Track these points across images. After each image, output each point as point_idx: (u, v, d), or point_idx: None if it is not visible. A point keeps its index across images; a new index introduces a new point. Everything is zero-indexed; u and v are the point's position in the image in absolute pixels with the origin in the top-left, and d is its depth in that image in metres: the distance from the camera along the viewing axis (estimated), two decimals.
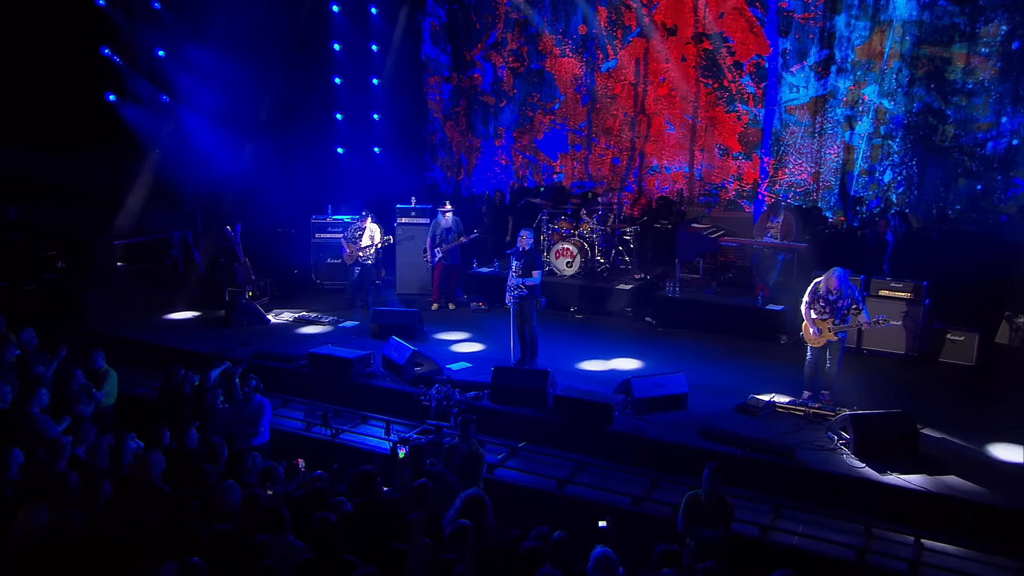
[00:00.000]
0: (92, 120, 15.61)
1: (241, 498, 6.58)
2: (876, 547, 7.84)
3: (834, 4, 15.10)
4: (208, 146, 15.92)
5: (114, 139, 15.78)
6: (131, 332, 13.02)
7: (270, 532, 6.20)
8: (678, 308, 13.35)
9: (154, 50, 16.07)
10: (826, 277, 10.03)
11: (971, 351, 11.76)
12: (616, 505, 8.53)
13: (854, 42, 15.09)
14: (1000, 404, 10.22)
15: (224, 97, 15.55)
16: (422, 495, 6.77)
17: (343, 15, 17.73)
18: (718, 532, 7.20)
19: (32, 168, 13.99)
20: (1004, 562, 7.61)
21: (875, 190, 15.45)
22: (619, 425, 9.57)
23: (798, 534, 8.03)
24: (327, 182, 17.29)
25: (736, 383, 10.94)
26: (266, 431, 9.14)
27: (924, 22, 14.44)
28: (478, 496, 6.53)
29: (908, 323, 11.94)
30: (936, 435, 9.55)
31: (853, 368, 11.55)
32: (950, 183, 14.81)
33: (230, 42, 15.30)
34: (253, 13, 15.63)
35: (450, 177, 18.81)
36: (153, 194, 15.84)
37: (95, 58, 15.70)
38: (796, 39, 15.51)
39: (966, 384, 11.21)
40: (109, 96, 16.03)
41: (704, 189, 16.86)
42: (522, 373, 10.35)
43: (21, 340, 10.54)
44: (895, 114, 14.94)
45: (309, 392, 11.01)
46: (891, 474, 8.60)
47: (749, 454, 8.95)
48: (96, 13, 15.62)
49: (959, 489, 8.42)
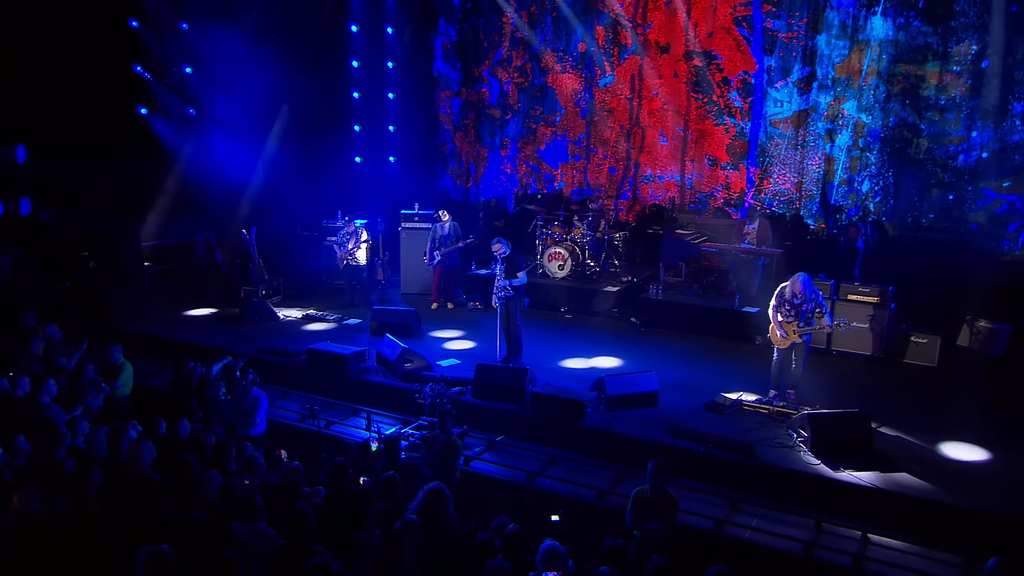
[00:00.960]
0: (124, 131, 15.60)
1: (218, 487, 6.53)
2: (824, 541, 7.62)
3: (816, 24, 14.93)
4: (231, 156, 15.89)
5: (144, 149, 15.79)
6: (152, 327, 12.99)
7: (243, 520, 6.16)
8: (661, 309, 13.18)
9: (181, 67, 16.12)
10: (791, 282, 9.85)
11: (933, 353, 11.51)
12: (582, 498, 8.36)
13: (834, 60, 14.91)
14: (956, 404, 9.98)
15: (247, 111, 15.51)
16: (389, 487, 6.69)
17: (361, 35, 17.75)
18: (663, 525, 7.11)
19: (67, 175, 14.06)
20: (946, 557, 7.39)
21: (854, 199, 15.27)
22: (591, 421, 9.40)
23: (751, 528, 7.82)
24: (346, 189, 17.24)
25: (708, 382, 10.73)
26: (262, 422, 9.09)
27: (900, 42, 14.27)
28: (439, 489, 6.44)
29: (874, 326, 11.72)
30: (892, 433, 9.33)
31: (821, 368, 11.36)
32: (924, 193, 14.62)
33: (253, 60, 15.23)
34: (275, 33, 15.60)
35: (459, 184, 18.78)
36: (180, 200, 15.86)
37: (128, 75, 15.76)
38: (780, 57, 15.35)
39: (927, 385, 10.93)
40: (140, 109, 16.08)
41: (694, 197, 16.71)
42: (502, 371, 10.21)
43: (46, 334, 10.61)
44: (872, 128, 14.77)
45: (308, 386, 10.91)
46: (844, 471, 8.37)
47: (711, 451, 8.75)
48: (129, 33, 15.70)
49: (908, 486, 8.18)
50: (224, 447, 7.39)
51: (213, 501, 6.56)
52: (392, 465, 7.54)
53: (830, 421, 8.87)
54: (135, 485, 6.74)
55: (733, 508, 8.18)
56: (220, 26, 15.11)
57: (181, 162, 15.89)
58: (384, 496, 6.60)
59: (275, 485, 6.89)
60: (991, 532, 7.59)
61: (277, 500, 6.60)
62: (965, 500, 7.93)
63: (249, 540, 6.00)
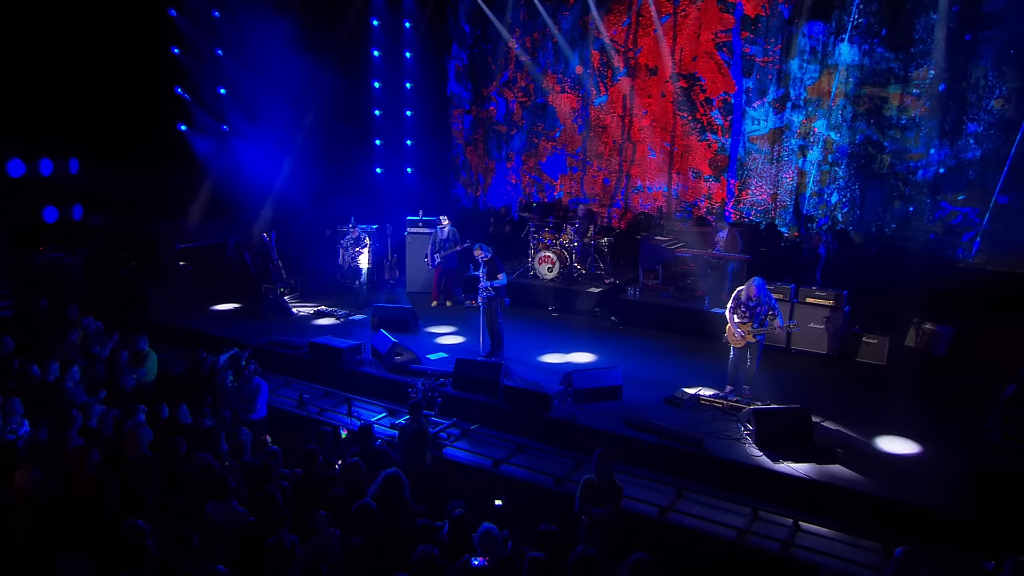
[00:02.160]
0: (165, 146, 15.79)
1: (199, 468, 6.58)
2: (758, 528, 7.56)
3: (789, 50, 14.71)
4: (259, 168, 15.99)
5: (182, 162, 15.98)
6: (181, 320, 13.13)
7: (216, 499, 6.20)
8: (637, 309, 13.10)
9: (216, 88, 16.25)
10: (747, 286, 9.77)
11: (883, 352, 11.38)
12: (540, 484, 8.30)
13: (806, 82, 14.68)
14: (897, 401, 9.83)
15: (275, 128, 15.64)
16: (352, 472, 6.72)
17: (382, 59, 17.81)
18: (607, 510, 7.09)
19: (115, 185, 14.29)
20: (867, 544, 7.33)
21: (824, 210, 15.02)
22: (556, 413, 9.35)
23: (691, 515, 7.76)
24: (369, 197, 17.28)
25: (673, 377, 10.67)
26: (263, 407, 9.17)
27: (865, 66, 14.01)
28: (395, 475, 6.46)
29: (829, 327, 11.60)
30: (834, 428, 9.26)
31: (780, 365, 11.28)
32: (887, 205, 14.34)
33: (282, 81, 15.37)
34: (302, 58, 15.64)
35: (469, 193, 18.76)
36: (212, 206, 15.99)
37: (170, 96, 15.95)
38: (757, 79, 15.14)
39: (873, 382, 10.80)
40: (180, 126, 16.28)
41: (680, 206, 16.53)
42: (479, 365, 10.15)
43: (83, 325, 10.79)
44: (840, 144, 14.52)
45: (309, 375, 10.96)
46: (783, 463, 8.32)
47: (663, 442, 8.72)
48: (171, 60, 15.89)
49: (840, 477, 8.12)
50: (215, 431, 7.43)
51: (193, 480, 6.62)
52: (365, 451, 7.57)
53: (773, 416, 8.81)
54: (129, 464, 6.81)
55: (679, 496, 8.13)
56: (252, 52, 15.21)
57: (214, 173, 15.96)
58: (346, 480, 6.63)
59: (253, 467, 6.92)
60: (910, 521, 7.50)
61: (253, 481, 6.64)
62: (890, 491, 7.86)
63: (220, 517, 6.04)
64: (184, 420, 7.98)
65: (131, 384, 9.67)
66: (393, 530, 5.98)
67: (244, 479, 6.73)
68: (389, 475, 6.42)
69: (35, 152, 14.22)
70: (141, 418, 8.04)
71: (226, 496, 6.22)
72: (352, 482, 6.61)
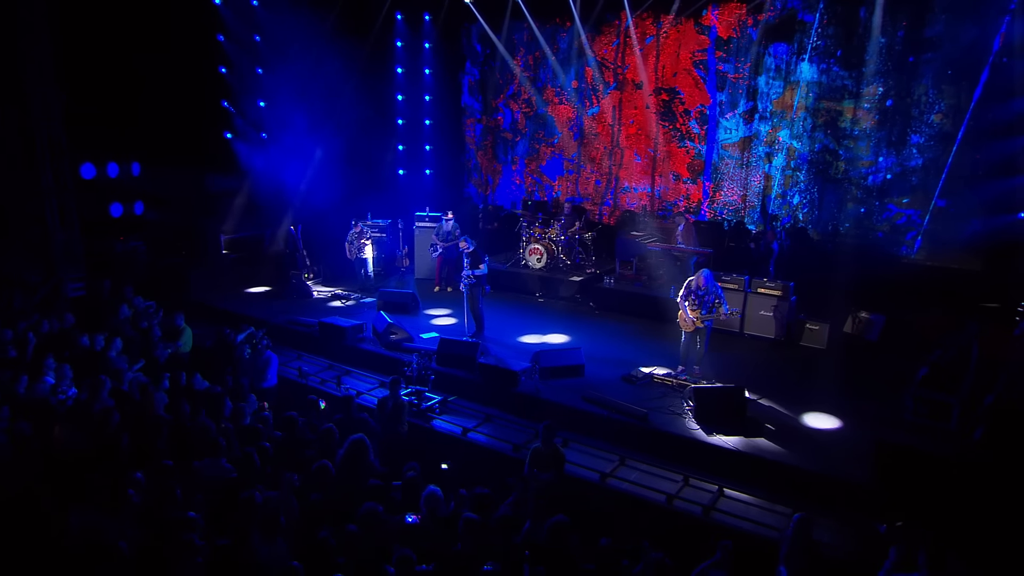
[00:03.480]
0: (213, 151, 16.01)
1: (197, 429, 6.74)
2: (686, 494, 7.54)
3: (757, 68, 14.49)
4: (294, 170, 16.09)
5: (227, 165, 16.16)
6: (218, 301, 13.29)
7: (210, 456, 6.37)
8: (612, 296, 13.05)
9: (257, 102, 16.43)
10: (696, 276, 9.70)
11: (823, 337, 11.23)
12: (500, 451, 8.32)
13: (771, 96, 14.45)
14: (830, 381, 9.72)
15: (308, 135, 15.73)
16: (326, 436, 6.84)
17: (404, 75, 17.88)
18: (551, 475, 7.15)
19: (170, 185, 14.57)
20: (780, 508, 7.29)
21: (787, 210, 14.81)
22: (523, 388, 9.35)
23: (629, 481, 7.77)
24: (392, 195, 17.40)
25: (636, 357, 10.59)
26: (273, 377, 9.32)
27: (823, 83, 13.76)
28: (360, 440, 6.56)
29: (777, 314, 11.47)
30: (768, 404, 9.18)
31: (733, 347, 11.21)
32: (841, 206, 14.12)
33: (316, 96, 15.45)
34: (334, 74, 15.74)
35: (480, 192, 18.78)
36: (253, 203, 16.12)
37: (217, 108, 16.16)
38: (729, 93, 14.93)
39: (811, 364, 10.64)
40: (226, 134, 16.50)
41: (662, 206, 16.40)
42: (460, 344, 10.15)
43: (133, 303, 11.06)
44: (802, 152, 14.29)
45: (319, 350, 11.08)
46: (716, 436, 8.31)
47: (613, 415, 8.72)
48: (218, 77, 16.10)
49: (764, 449, 8.10)
50: (220, 397, 7.59)
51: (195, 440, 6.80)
52: (347, 418, 7.67)
53: (711, 394, 8.72)
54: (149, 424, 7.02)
55: (621, 463, 8.13)
56: (288, 70, 15.31)
57: (254, 174, 16.11)
58: (319, 444, 6.75)
59: (244, 429, 7.07)
60: (820, 488, 7.47)
61: (244, 442, 6.79)
62: (806, 462, 7.82)
63: (208, 472, 6.22)
64: (198, 387, 8.15)
65: (166, 355, 9.88)
66: (353, 488, 6.08)
67: (237, 440, 6.89)
68: (354, 440, 6.53)
69: (103, 157, 14.52)
70: (165, 384, 8.24)
71: (217, 454, 6.37)
72: (325, 445, 6.73)
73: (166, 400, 7.52)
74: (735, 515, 7.17)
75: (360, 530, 5.46)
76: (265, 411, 7.70)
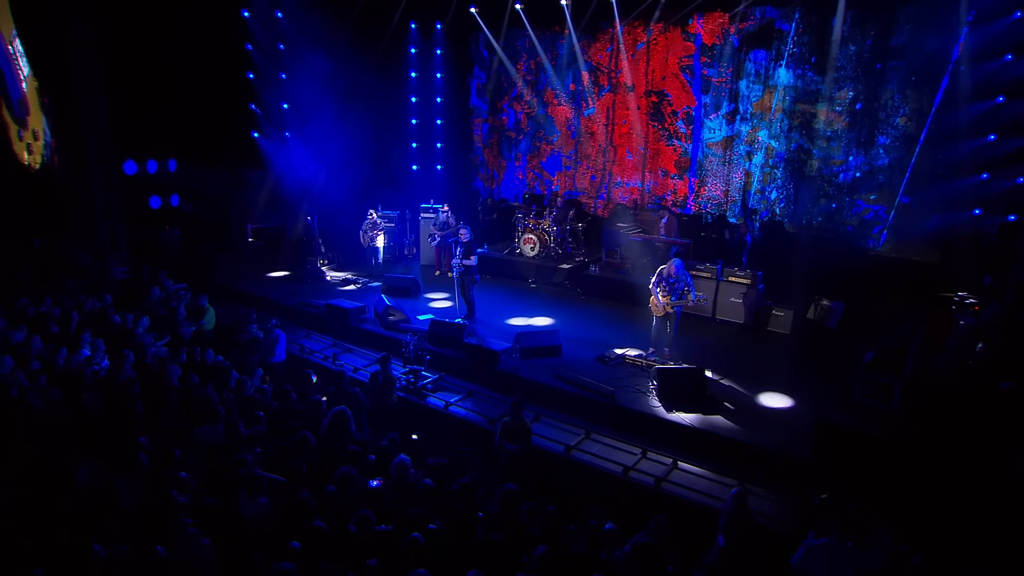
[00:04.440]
0: (242, 149, 16.14)
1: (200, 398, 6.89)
2: (642, 466, 7.51)
3: (738, 72, 14.26)
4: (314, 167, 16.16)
5: (255, 161, 16.29)
6: (241, 284, 13.43)
7: (209, 423, 6.52)
8: (597, 283, 12.99)
9: (281, 104, 16.53)
10: (668, 265, 9.62)
11: (787, 323, 11.12)
12: (477, 423, 8.35)
13: (752, 99, 14.23)
14: (789, 363, 9.65)
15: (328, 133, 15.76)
16: (314, 408, 6.95)
17: (418, 80, 17.86)
18: (518, 446, 7.18)
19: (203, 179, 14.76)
20: (728, 481, 7.26)
21: (765, 204, 14.62)
22: (503, 366, 9.34)
23: (591, 454, 7.77)
24: (406, 189, 17.43)
25: (612, 339, 10.52)
26: (282, 353, 9.43)
27: (799, 87, 13.53)
28: (342, 411, 6.65)
29: (746, 301, 11.37)
30: (728, 384, 9.09)
31: (705, 331, 11.13)
32: (815, 201, 13.90)
33: (334, 98, 15.45)
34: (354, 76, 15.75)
35: (486, 186, 18.77)
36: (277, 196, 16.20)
37: (245, 110, 16.28)
38: (713, 96, 14.73)
39: (774, 348, 10.59)
40: (253, 133, 16.64)
41: (651, 199, 16.27)
42: (448, 325, 10.16)
43: (164, 286, 11.28)
44: (779, 151, 14.08)
45: (325, 330, 11.16)
46: (675, 413, 8.26)
47: (583, 393, 8.70)
48: (246, 82, 16.21)
49: (718, 426, 8.04)
50: (227, 370, 7.74)
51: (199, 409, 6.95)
52: (339, 391, 7.77)
53: (673, 374, 8.66)
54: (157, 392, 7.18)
55: (587, 437, 8.10)
56: (310, 75, 15.34)
57: (278, 170, 16.20)
58: (308, 414, 6.87)
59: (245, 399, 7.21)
60: (764, 464, 7.44)
61: (242, 411, 6.94)
62: (755, 438, 7.76)
63: (208, 438, 6.37)
64: (209, 360, 8.31)
65: (189, 332, 10.08)
66: (333, 454, 6.21)
67: (237, 409, 7.04)
68: (336, 411, 6.64)
69: (143, 155, 14.76)
70: (183, 358, 8.41)
71: (216, 421, 6.52)
72: (312, 416, 6.85)
73: (180, 372, 7.67)
74: (685, 486, 7.16)
75: (337, 491, 5.60)
76: (266, 384, 7.84)
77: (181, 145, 14.91)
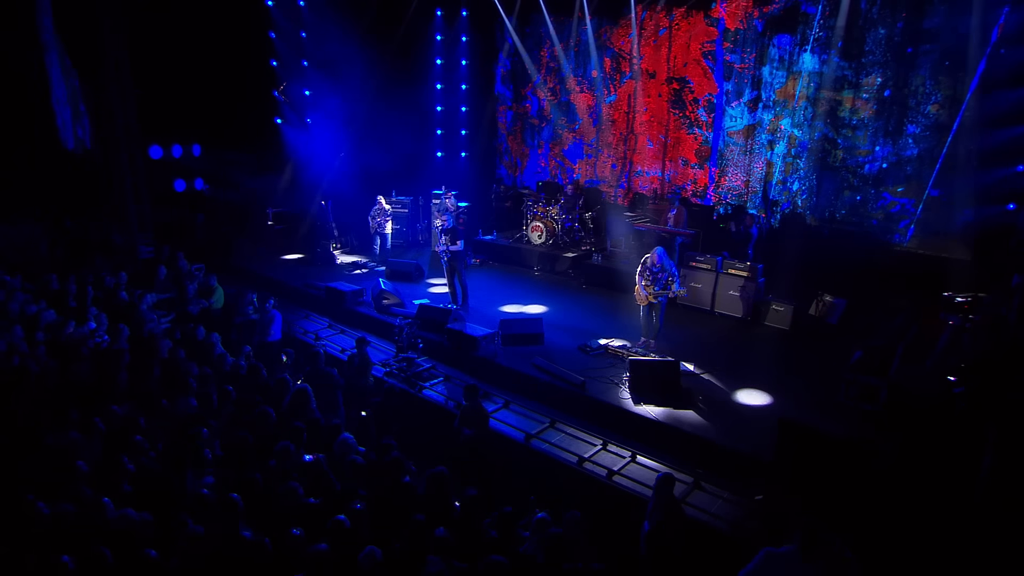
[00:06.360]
0: (264, 135, 16.65)
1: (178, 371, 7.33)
2: (599, 458, 7.46)
3: (761, 58, 13.89)
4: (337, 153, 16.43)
5: (277, 147, 16.75)
6: (255, 266, 13.87)
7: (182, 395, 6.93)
8: (599, 272, 12.97)
9: (303, 91, 16.97)
10: (651, 254, 9.58)
11: (787, 319, 10.90)
12: (442, 405, 8.46)
13: (775, 86, 13.84)
14: (780, 360, 9.46)
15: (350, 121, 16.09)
16: (280, 385, 7.29)
17: (443, 67, 18.08)
18: (474, 431, 7.31)
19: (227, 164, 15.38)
20: (682, 476, 7.15)
21: (786, 196, 14.23)
22: (482, 352, 9.43)
23: (550, 443, 7.76)
24: (431, 176, 17.69)
25: (601, 329, 10.46)
26: (277, 332, 9.75)
27: (824, 73, 13.05)
28: (303, 389, 6.98)
29: (744, 294, 11.18)
30: (708, 379, 8.98)
31: (701, 324, 11.04)
32: (838, 193, 13.44)
33: (358, 85, 15.75)
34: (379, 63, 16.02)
35: (509, 173, 18.90)
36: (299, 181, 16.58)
37: (269, 97, 16.82)
38: (735, 83, 14.39)
39: (771, 343, 10.35)
40: (276, 120, 17.16)
41: (671, 189, 16.07)
42: (435, 310, 10.26)
43: (177, 265, 11.91)
44: (802, 140, 13.66)
45: (324, 311, 11.47)
46: (643, 405, 8.20)
47: (555, 382, 8.73)
48: (269, 69, 16.73)
49: (684, 421, 7.93)
50: (212, 346, 8.17)
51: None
52: (314, 371, 8.10)
53: (645, 366, 8.57)
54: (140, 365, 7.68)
55: (551, 426, 8.10)
56: (333, 63, 15.68)
57: (300, 156, 16.58)
58: (274, 391, 7.22)
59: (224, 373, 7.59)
60: (723, 461, 7.38)
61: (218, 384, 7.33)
62: (718, 435, 7.63)
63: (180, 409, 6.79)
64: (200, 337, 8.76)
65: (197, 310, 10.64)
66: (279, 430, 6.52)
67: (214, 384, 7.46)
68: (298, 389, 6.97)
69: (168, 140, 15.49)
70: (178, 335, 8.92)
71: (188, 393, 6.96)
72: (278, 393, 7.21)
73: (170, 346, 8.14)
74: (637, 480, 7.11)
75: (276, 464, 5.95)
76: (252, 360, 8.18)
77: (205, 131, 15.56)
